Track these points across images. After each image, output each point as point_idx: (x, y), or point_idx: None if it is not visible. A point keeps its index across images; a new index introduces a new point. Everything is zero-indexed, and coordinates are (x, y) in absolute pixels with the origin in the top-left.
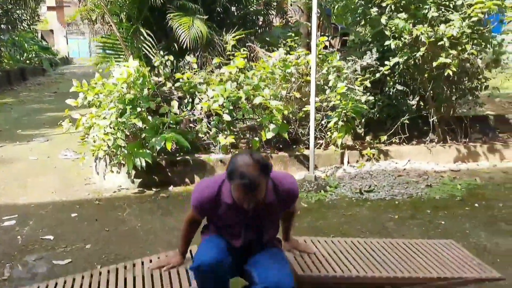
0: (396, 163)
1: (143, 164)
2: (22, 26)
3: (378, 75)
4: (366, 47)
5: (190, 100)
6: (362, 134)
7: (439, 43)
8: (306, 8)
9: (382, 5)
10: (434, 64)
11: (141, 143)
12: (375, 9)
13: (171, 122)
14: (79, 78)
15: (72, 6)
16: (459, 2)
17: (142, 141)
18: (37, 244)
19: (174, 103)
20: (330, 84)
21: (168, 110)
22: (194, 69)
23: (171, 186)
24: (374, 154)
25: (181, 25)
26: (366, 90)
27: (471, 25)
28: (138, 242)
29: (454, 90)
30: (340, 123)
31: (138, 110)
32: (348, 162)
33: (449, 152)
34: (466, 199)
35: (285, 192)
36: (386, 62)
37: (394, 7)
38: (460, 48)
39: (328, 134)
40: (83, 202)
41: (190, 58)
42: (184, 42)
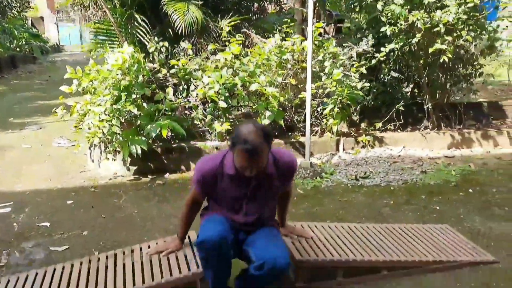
0: (391, 150)
1: (139, 151)
2: (11, 13)
3: (373, 62)
4: (361, 34)
5: (186, 86)
6: (357, 121)
7: (435, 29)
8: None
9: None
10: (429, 50)
11: (136, 130)
12: None
13: (167, 109)
14: (71, 66)
15: None
16: None
17: (137, 128)
18: (33, 231)
19: (169, 90)
20: (326, 70)
21: (163, 97)
22: (189, 55)
23: (167, 173)
24: (369, 141)
25: (176, 10)
26: (362, 77)
27: (467, 11)
28: (135, 229)
29: (449, 77)
30: (335, 110)
31: (133, 96)
32: (343, 149)
33: (443, 138)
34: (460, 185)
35: (284, 165)
36: (382, 49)
37: None
38: (455, 34)
39: (323, 121)
40: (79, 190)
41: (185, 44)
42: (179, 27)
